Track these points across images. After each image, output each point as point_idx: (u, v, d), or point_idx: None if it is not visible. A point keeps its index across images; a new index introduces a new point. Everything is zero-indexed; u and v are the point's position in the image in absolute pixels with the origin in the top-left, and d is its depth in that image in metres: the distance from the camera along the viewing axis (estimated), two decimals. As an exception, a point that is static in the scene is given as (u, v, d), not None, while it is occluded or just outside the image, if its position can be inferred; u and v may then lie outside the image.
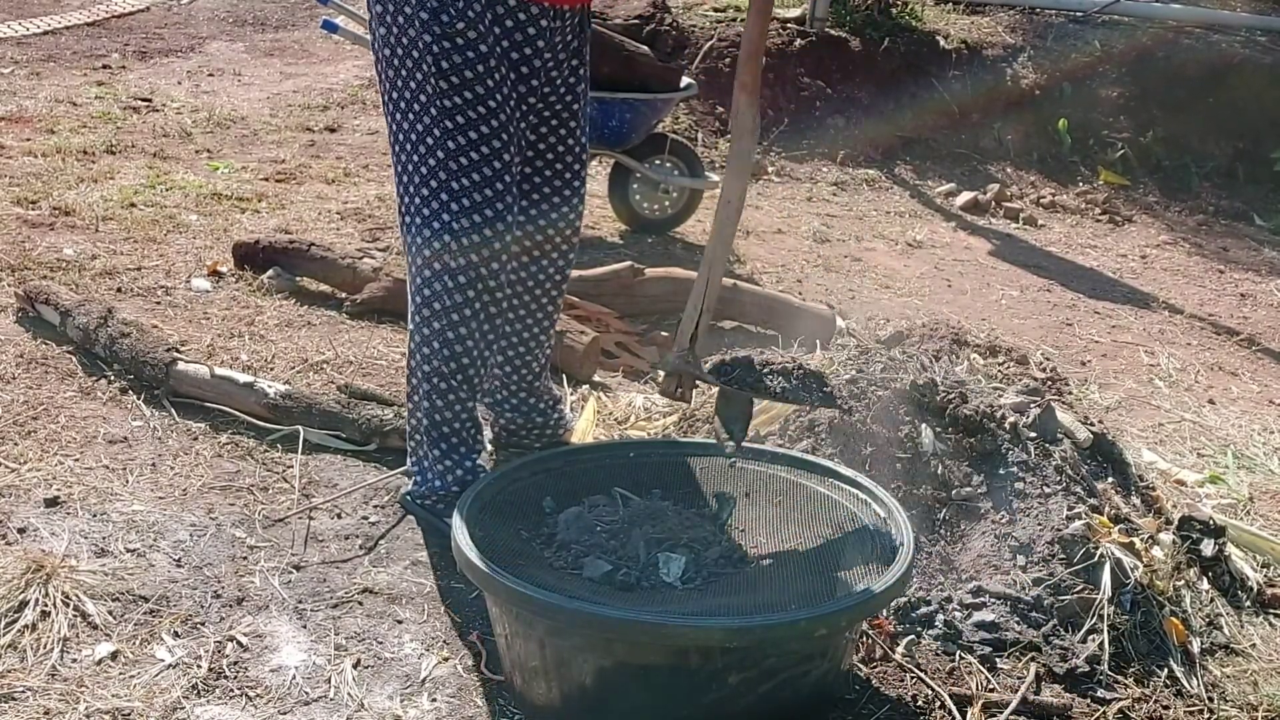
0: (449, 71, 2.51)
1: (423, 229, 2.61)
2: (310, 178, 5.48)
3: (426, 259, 2.63)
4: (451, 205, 2.58)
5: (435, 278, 2.64)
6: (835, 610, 2.19)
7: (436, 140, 2.56)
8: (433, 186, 2.59)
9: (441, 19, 2.49)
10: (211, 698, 2.30)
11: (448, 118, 2.54)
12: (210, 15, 8.29)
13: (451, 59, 2.51)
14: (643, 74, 4.82)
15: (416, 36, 2.51)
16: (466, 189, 2.57)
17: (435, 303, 2.66)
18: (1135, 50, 7.61)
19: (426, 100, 2.54)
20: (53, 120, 5.87)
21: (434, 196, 2.59)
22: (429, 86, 2.53)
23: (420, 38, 2.51)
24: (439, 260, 2.62)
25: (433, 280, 2.64)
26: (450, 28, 2.50)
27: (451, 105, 2.54)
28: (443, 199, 2.58)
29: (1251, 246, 6.53)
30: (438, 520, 2.75)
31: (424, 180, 2.59)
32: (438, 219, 2.59)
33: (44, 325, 3.64)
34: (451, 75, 2.52)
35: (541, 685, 2.24)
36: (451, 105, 2.54)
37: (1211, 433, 3.94)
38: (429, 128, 2.55)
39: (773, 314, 4.12)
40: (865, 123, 6.98)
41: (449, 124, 2.55)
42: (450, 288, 2.63)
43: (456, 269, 2.62)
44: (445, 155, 2.56)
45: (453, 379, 2.73)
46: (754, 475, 2.64)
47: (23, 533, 2.71)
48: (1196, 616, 2.74)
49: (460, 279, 2.63)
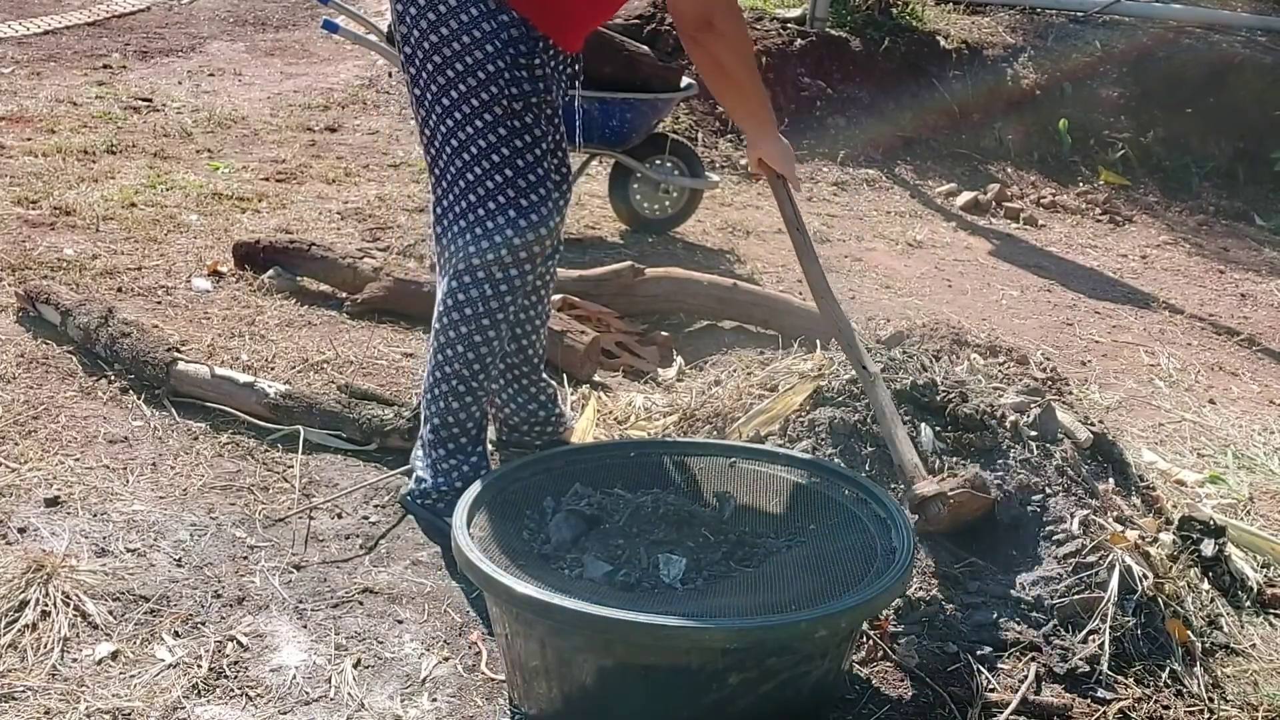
0: (519, 97, 2.61)
1: (482, 239, 2.66)
2: (311, 177, 5.48)
3: (473, 266, 2.68)
4: (520, 221, 2.65)
5: (476, 284, 2.69)
6: (835, 611, 2.19)
7: (504, 158, 2.64)
8: (500, 201, 2.65)
9: (510, 51, 2.58)
10: (212, 697, 2.30)
11: (517, 137, 2.63)
12: (211, 15, 8.29)
13: (522, 87, 2.61)
14: (643, 74, 4.82)
15: (486, 60, 2.58)
16: (535, 203, 2.66)
17: (468, 307, 2.70)
18: (1136, 50, 7.61)
19: (494, 120, 2.61)
20: (53, 120, 5.87)
21: (501, 211, 2.65)
22: (498, 107, 2.61)
23: (492, 60, 2.58)
24: (488, 268, 2.67)
25: (472, 286, 2.69)
26: (526, 59, 2.60)
27: (521, 125, 2.63)
28: (510, 215, 2.65)
29: (1252, 246, 6.54)
30: (438, 520, 2.76)
31: (490, 193, 2.65)
32: (502, 232, 2.65)
33: (44, 325, 3.64)
34: (521, 99, 2.62)
35: (542, 685, 2.24)
36: (521, 125, 2.63)
37: (1212, 433, 3.94)
38: (495, 145, 2.63)
39: (773, 314, 4.12)
40: (865, 123, 6.98)
41: (518, 143, 2.64)
42: (489, 294, 2.69)
43: (502, 277, 2.69)
44: (514, 172, 2.64)
45: (472, 380, 2.77)
46: (754, 475, 2.65)
47: (23, 532, 2.72)
48: (1197, 617, 2.74)
49: (502, 286, 2.70)
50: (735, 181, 6.24)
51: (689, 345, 4.01)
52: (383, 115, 6.61)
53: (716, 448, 2.74)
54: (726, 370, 3.46)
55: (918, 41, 7.39)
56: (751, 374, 3.32)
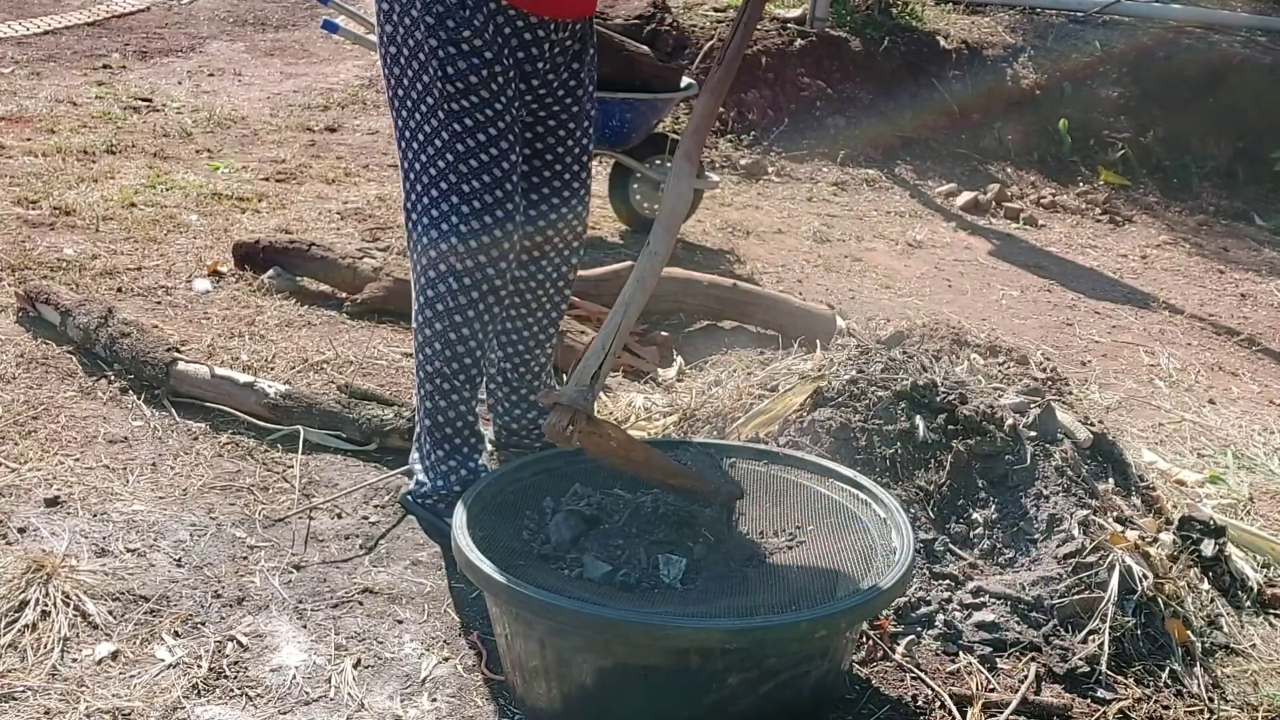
0: (455, 76, 2.53)
1: (430, 229, 2.62)
2: (310, 177, 5.48)
3: (432, 259, 2.64)
4: (462, 207, 2.59)
5: (440, 278, 2.65)
6: (836, 611, 2.19)
7: (446, 143, 2.57)
8: (442, 188, 2.60)
9: (447, 24, 2.51)
10: (212, 697, 2.30)
11: (456, 120, 2.56)
12: (210, 15, 8.29)
13: (457, 64, 2.53)
14: (643, 74, 4.82)
15: (423, 40, 2.52)
16: (477, 190, 2.59)
17: (439, 303, 2.66)
18: (1135, 50, 7.61)
19: (434, 103, 2.56)
20: (53, 120, 5.87)
21: (444, 198, 2.60)
22: (436, 89, 2.55)
23: (426, 41, 2.52)
24: (445, 261, 2.62)
25: (437, 281, 2.65)
26: (456, 34, 2.52)
27: (459, 108, 2.56)
28: (453, 201, 2.59)
29: (1252, 246, 6.53)
30: (438, 520, 2.75)
31: (433, 181, 2.61)
32: (446, 220, 2.60)
33: (44, 325, 3.64)
34: (457, 80, 2.54)
35: (542, 685, 2.24)
36: (459, 108, 2.56)
37: (1212, 433, 3.94)
38: (437, 130, 2.57)
39: (773, 314, 4.12)
40: (865, 123, 6.98)
41: (458, 126, 2.56)
42: (455, 289, 2.64)
43: (462, 270, 2.63)
44: (455, 157, 2.58)
45: (455, 379, 2.74)
46: (754, 475, 2.64)
47: (23, 532, 2.72)
48: (1197, 617, 2.74)
49: (465, 280, 2.64)
50: (735, 181, 6.24)
51: (689, 345, 4.01)
52: (383, 115, 6.60)
53: (717, 448, 2.73)
54: (726, 370, 3.46)
55: (917, 41, 7.39)
56: (751, 374, 3.32)
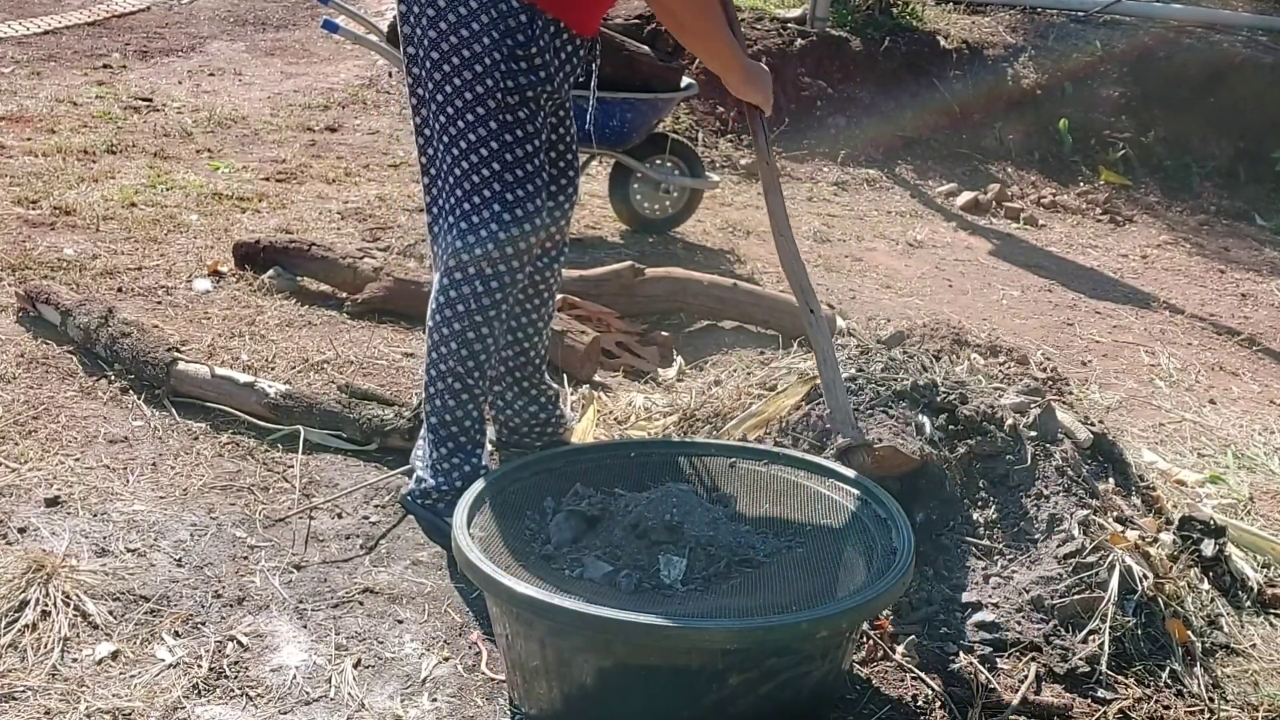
0: (514, 89, 2.60)
1: (468, 233, 2.66)
2: (311, 177, 5.48)
3: (462, 262, 2.68)
4: (504, 214, 2.65)
5: (466, 280, 2.69)
6: (836, 611, 2.19)
7: (494, 151, 2.63)
8: (485, 195, 2.65)
9: (517, 37, 2.57)
10: (212, 697, 2.30)
11: (508, 131, 2.62)
12: (211, 15, 8.29)
13: (518, 79, 2.60)
14: (643, 74, 4.82)
15: (485, 51, 2.57)
16: (520, 199, 2.65)
17: (460, 304, 2.70)
18: (1136, 50, 7.61)
19: (485, 113, 2.61)
20: (53, 120, 5.87)
21: (486, 205, 2.65)
22: (492, 100, 2.60)
23: (490, 53, 2.57)
24: (476, 264, 2.67)
25: (462, 283, 2.69)
26: (524, 49, 2.58)
27: (513, 119, 2.62)
28: (495, 208, 2.64)
29: (1252, 246, 6.53)
30: (438, 520, 2.76)
31: (475, 188, 2.65)
32: (486, 226, 2.65)
33: (45, 325, 3.64)
34: (516, 93, 2.61)
35: (542, 685, 2.24)
36: (513, 119, 2.62)
37: (1212, 433, 3.94)
38: (485, 139, 2.62)
39: (773, 314, 4.12)
40: (866, 123, 6.98)
41: (508, 136, 2.62)
42: (480, 290, 2.69)
43: (491, 274, 2.68)
44: (502, 166, 2.63)
45: (468, 379, 2.77)
46: (754, 475, 2.64)
47: (23, 532, 2.72)
48: (1197, 617, 2.74)
49: (492, 283, 2.69)
50: (735, 181, 6.24)
51: (689, 345, 4.01)
52: (383, 115, 6.61)
53: (717, 448, 2.74)
54: (726, 370, 3.46)
55: (918, 41, 7.39)
56: (751, 374, 3.32)
